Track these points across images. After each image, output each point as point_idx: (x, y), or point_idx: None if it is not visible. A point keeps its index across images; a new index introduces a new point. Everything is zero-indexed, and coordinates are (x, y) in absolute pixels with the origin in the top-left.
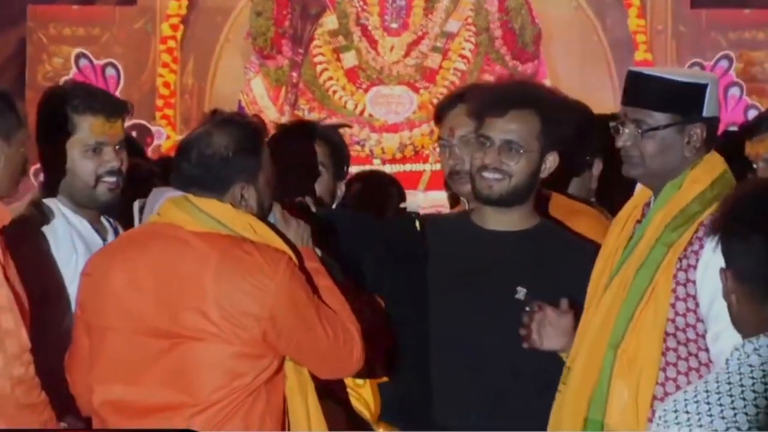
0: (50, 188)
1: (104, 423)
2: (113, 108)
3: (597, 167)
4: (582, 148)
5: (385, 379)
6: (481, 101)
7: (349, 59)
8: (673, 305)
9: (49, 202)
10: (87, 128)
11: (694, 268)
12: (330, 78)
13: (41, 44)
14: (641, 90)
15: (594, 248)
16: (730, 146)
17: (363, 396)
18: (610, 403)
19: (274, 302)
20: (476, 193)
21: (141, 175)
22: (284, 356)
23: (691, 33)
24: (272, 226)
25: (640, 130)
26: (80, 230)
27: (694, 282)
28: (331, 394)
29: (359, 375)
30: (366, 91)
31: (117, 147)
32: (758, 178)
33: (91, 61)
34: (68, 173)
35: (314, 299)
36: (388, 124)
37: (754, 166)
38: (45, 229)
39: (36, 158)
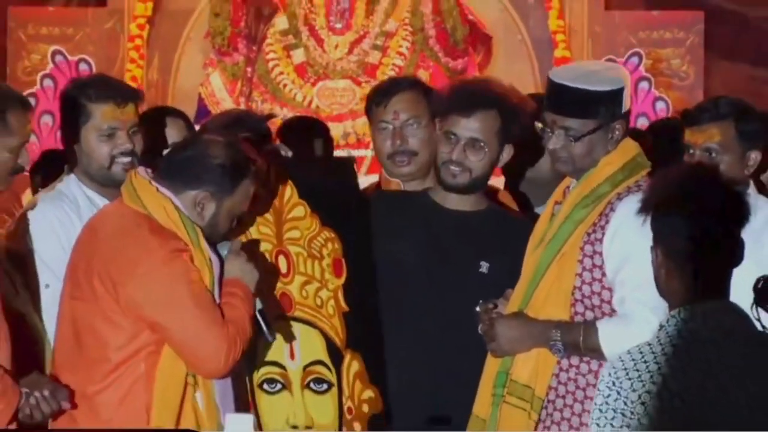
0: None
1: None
2: (123, 95)
3: None
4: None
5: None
6: (448, 99)
7: (298, 56)
8: (580, 275)
9: (73, 186)
10: (99, 115)
11: (600, 241)
12: (281, 73)
13: (21, 42)
14: (567, 100)
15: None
16: (662, 132)
17: (334, 325)
18: (517, 356)
19: (144, 275)
20: (441, 182)
21: None
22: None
23: (605, 32)
24: (219, 255)
25: (570, 138)
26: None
27: (600, 254)
28: (309, 322)
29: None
30: (313, 84)
31: (130, 131)
32: (683, 164)
33: (65, 58)
34: (85, 156)
35: (194, 288)
36: (333, 114)
37: (690, 151)
38: (70, 208)
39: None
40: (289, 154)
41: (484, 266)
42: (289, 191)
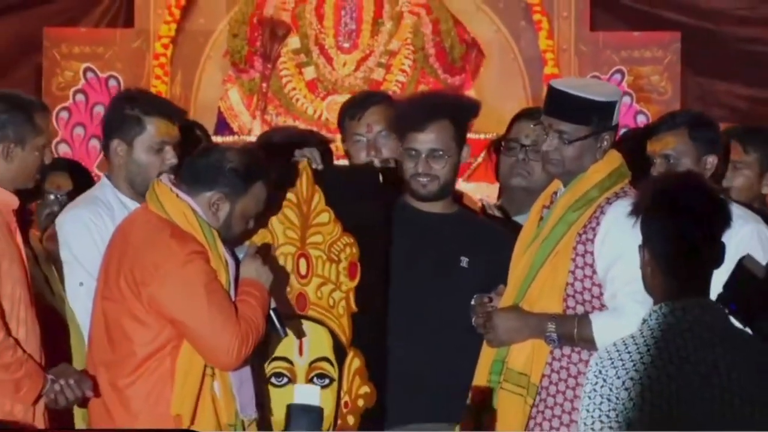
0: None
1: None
2: (176, 112)
3: None
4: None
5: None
6: (401, 119)
7: (309, 73)
8: (572, 272)
9: (107, 191)
10: (154, 129)
11: (592, 241)
12: (293, 88)
13: (55, 60)
14: (565, 106)
15: (502, 230)
16: (631, 145)
17: (342, 324)
18: (512, 346)
19: (165, 276)
20: (413, 194)
21: None
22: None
23: (590, 51)
24: (234, 255)
25: (564, 141)
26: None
27: (591, 253)
28: (320, 321)
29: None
30: (323, 99)
31: (175, 147)
32: (671, 173)
33: (96, 74)
34: (134, 166)
35: (210, 288)
36: None
37: (654, 161)
38: (104, 211)
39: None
40: (321, 166)
41: (464, 261)
42: (317, 198)
